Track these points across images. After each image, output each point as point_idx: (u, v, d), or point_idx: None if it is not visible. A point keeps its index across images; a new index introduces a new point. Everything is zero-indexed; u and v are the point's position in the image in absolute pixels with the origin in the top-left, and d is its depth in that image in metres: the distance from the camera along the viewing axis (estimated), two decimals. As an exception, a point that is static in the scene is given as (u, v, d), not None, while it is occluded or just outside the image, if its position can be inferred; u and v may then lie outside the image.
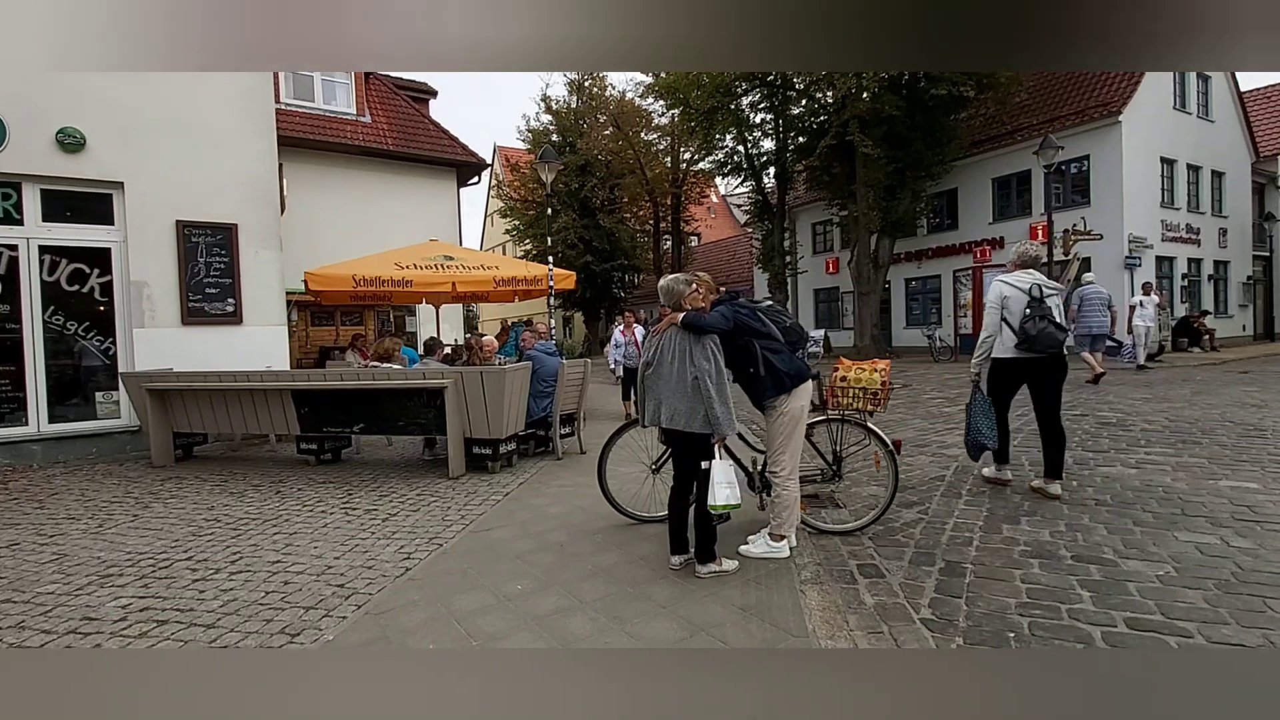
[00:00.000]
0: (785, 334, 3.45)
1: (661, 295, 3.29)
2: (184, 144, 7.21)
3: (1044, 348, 4.15)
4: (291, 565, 3.36)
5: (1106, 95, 16.67)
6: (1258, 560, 3.01)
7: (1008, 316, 4.27)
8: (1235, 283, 20.23)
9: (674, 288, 3.25)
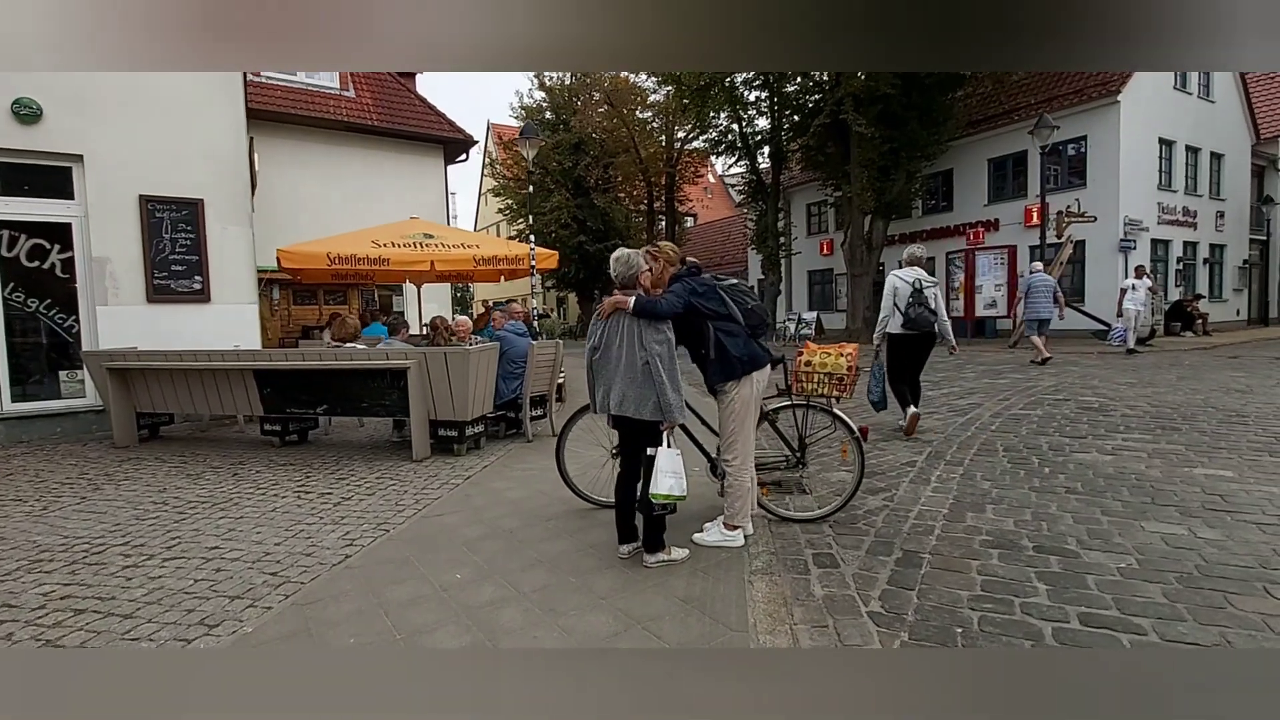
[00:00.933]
0: (746, 316, 3.29)
1: (614, 268, 3.09)
2: (147, 116, 6.97)
3: (919, 327, 5.48)
4: (229, 552, 3.25)
5: (1106, 74, 16.33)
6: (1224, 553, 2.91)
7: (897, 302, 5.52)
8: (1231, 266, 20.06)
9: (632, 261, 3.08)
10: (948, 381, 8.87)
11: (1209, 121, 18.52)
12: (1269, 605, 2.44)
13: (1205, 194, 18.72)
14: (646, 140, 28.28)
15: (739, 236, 28.85)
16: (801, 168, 22.66)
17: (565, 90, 28.35)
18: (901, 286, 5.50)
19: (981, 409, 6.61)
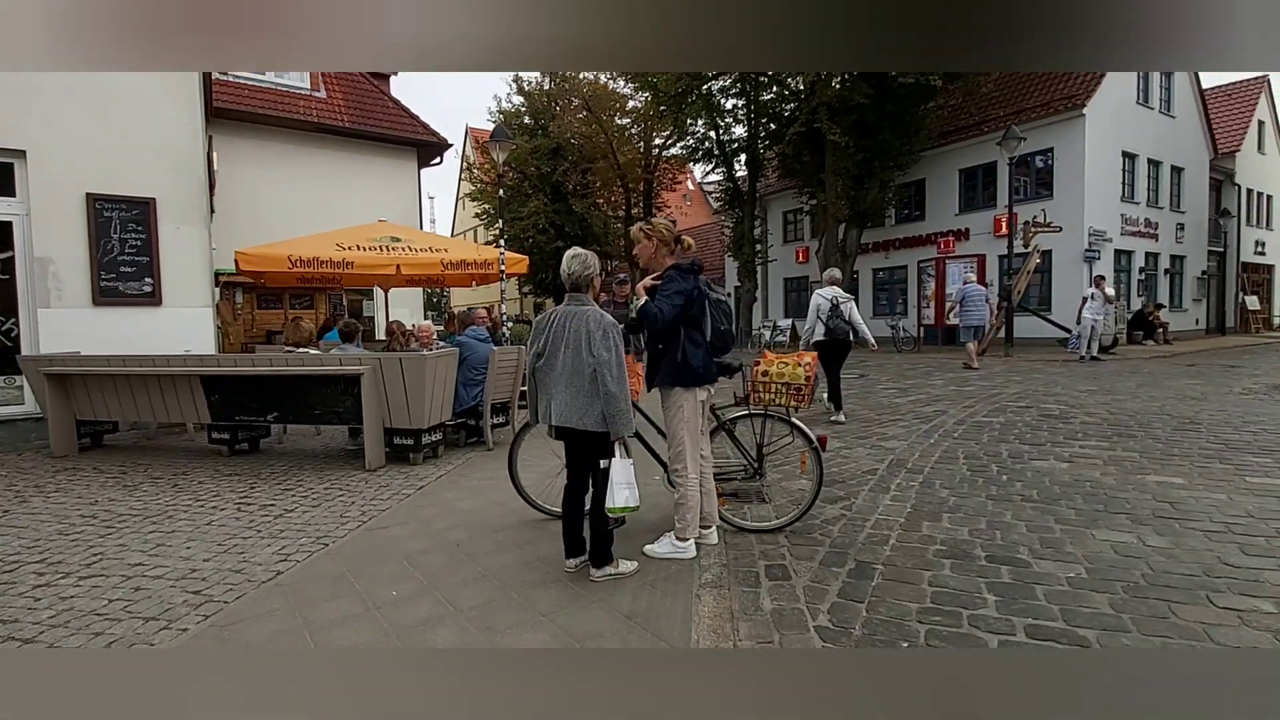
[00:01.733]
0: (714, 335, 3.24)
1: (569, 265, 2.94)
2: (96, 111, 6.72)
3: (836, 336, 6.61)
4: (152, 569, 3.07)
5: (1071, 89, 16.74)
6: (1170, 561, 2.91)
7: (820, 316, 6.64)
8: (1190, 277, 20.64)
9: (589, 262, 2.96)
10: (915, 389, 8.92)
11: (1170, 136, 19.07)
12: (1210, 614, 2.43)
13: (1166, 206, 19.26)
14: (624, 146, 28.26)
15: (717, 243, 28.95)
16: (778, 175, 22.86)
17: (544, 95, 28.27)
18: (823, 303, 6.62)
19: (946, 416, 6.64)
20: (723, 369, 3.38)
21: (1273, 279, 26.14)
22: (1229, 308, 22.90)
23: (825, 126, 15.86)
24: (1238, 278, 23.14)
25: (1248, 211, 23.81)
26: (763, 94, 19.65)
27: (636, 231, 3.29)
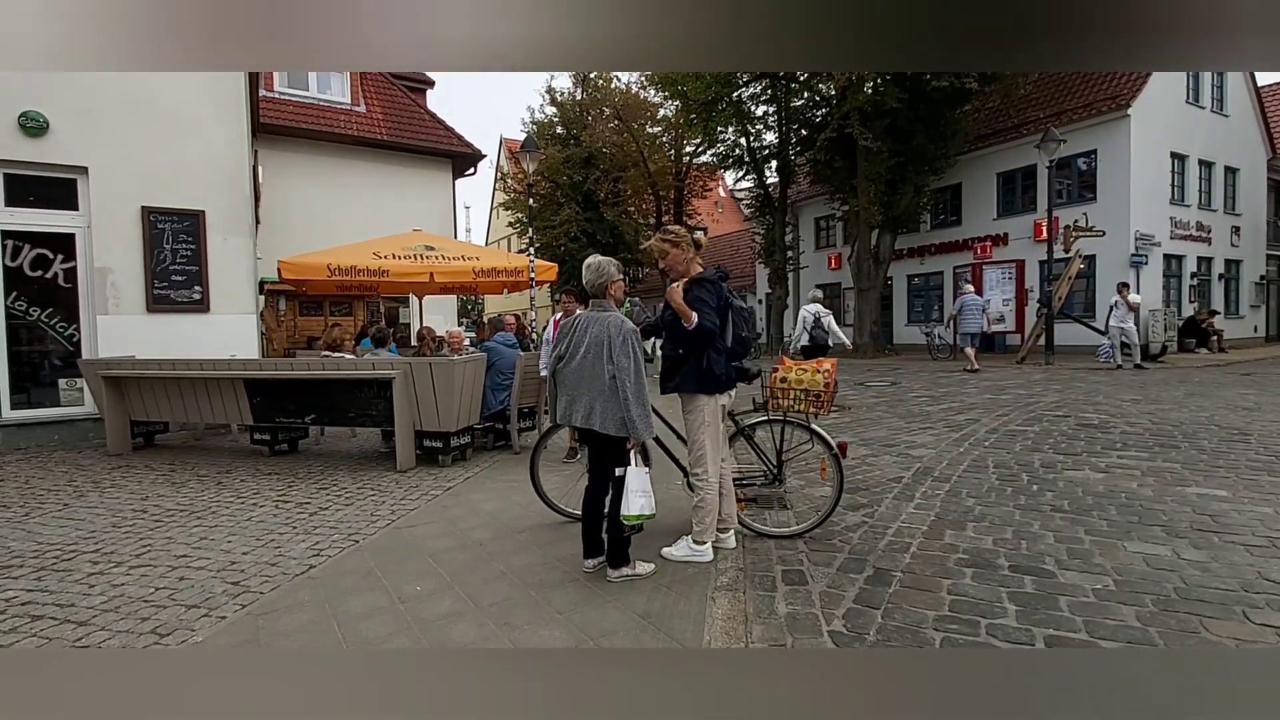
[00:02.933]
0: (735, 341, 3.28)
1: (585, 275, 3.06)
2: (150, 129, 7.12)
3: (817, 343, 8.55)
4: (196, 560, 3.24)
5: (1115, 88, 16.20)
6: (1206, 575, 2.81)
7: (806, 327, 8.62)
8: (1248, 282, 19.68)
9: (604, 270, 3.05)
10: (948, 397, 8.74)
11: (1223, 135, 18.28)
12: (1245, 630, 2.34)
13: (1220, 208, 18.43)
14: (655, 154, 28.45)
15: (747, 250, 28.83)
16: (809, 182, 22.67)
17: (576, 105, 28.66)
18: (808, 316, 8.72)
19: (978, 424, 6.49)
20: (741, 375, 3.40)
21: (1340, 284, 24.73)
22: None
23: (857, 132, 15.69)
24: (1301, 283, 21.97)
25: (1311, 213, 22.61)
26: (793, 100, 19.57)
27: (660, 244, 3.29)
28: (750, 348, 3.43)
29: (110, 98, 6.90)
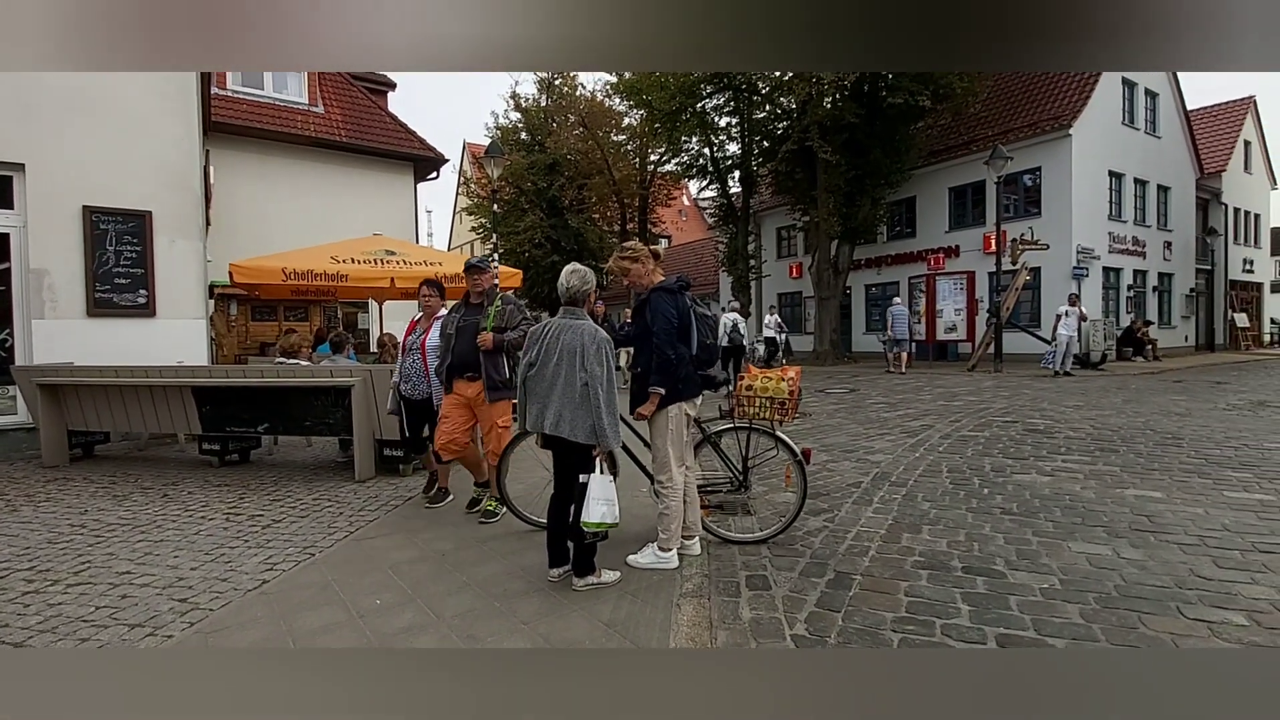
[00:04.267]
0: (699, 349, 3.31)
1: (569, 280, 3.03)
2: (94, 125, 6.80)
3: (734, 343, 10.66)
4: (139, 577, 3.10)
5: (1057, 109, 17.05)
6: (1143, 573, 2.97)
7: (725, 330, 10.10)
8: (1179, 294, 20.87)
9: (588, 278, 3.07)
10: (904, 404, 9.00)
11: (1156, 156, 19.38)
12: (1179, 625, 2.48)
13: (1154, 225, 19.52)
14: (620, 162, 28.56)
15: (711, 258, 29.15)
16: (771, 192, 23.10)
17: (540, 112, 28.58)
18: (728, 322, 10.92)
19: (933, 430, 6.71)
20: (707, 382, 3.45)
21: (1261, 297, 26.46)
22: (1218, 325, 23.15)
23: (817, 145, 16.08)
24: (1226, 295, 23.41)
25: (1235, 230, 24.15)
26: (756, 112, 19.93)
27: (619, 263, 3.33)
28: (715, 355, 3.48)
29: (51, 92, 6.57)
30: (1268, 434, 6.05)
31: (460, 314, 4.07)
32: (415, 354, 4.39)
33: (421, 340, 4.38)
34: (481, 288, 4.11)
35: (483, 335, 3.87)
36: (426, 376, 4.30)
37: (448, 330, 4.05)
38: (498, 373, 3.93)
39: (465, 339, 3.95)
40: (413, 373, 4.39)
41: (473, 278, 4.12)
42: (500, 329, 3.93)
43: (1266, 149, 26.05)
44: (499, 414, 3.98)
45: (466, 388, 3.99)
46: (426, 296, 4.50)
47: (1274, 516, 3.68)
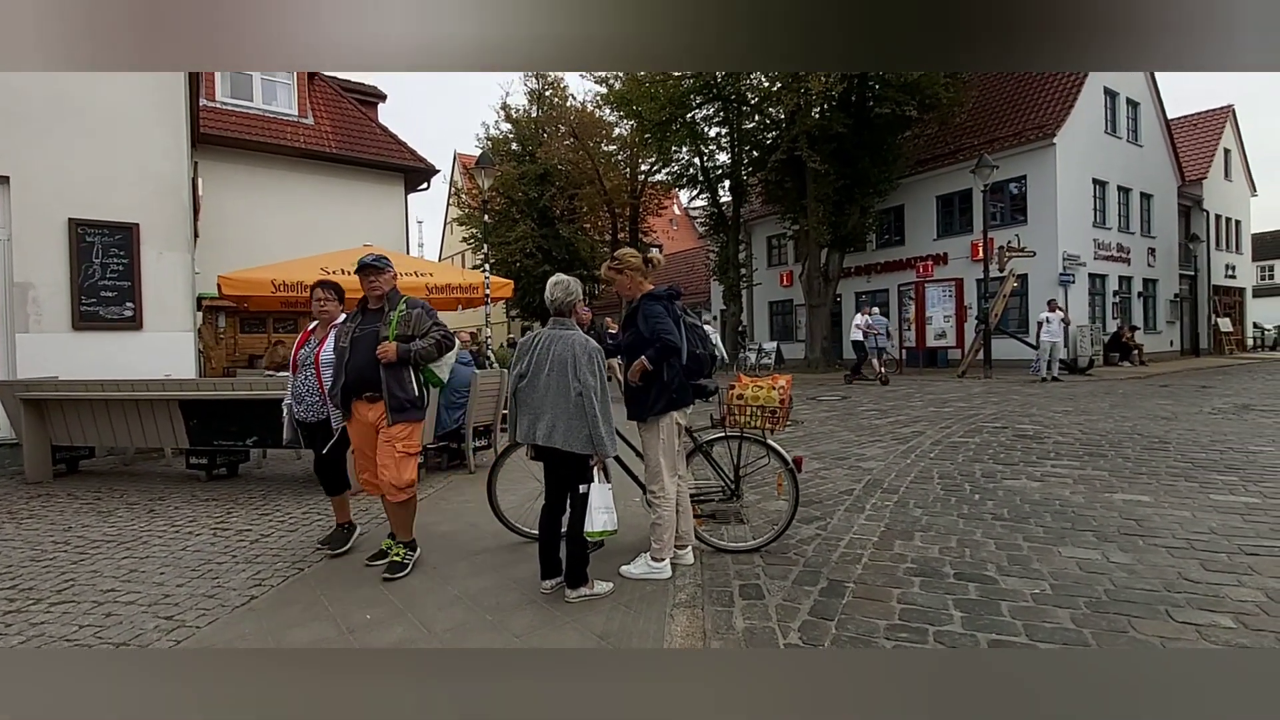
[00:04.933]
0: (690, 359, 3.31)
1: (553, 292, 3.06)
2: (80, 137, 6.77)
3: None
4: (125, 595, 3.05)
5: (1041, 118, 17.32)
6: (1132, 576, 2.99)
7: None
8: (1163, 300, 21.17)
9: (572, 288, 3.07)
10: (895, 410, 9.05)
11: (1138, 164, 19.72)
12: (1169, 628, 2.50)
13: (1137, 231, 19.82)
14: (611, 172, 28.68)
15: (702, 267, 29.27)
16: (761, 201, 23.27)
17: (531, 123, 28.69)
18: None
19: (923, 437, 6.74)
20: (699, 391, 3.45)
21: (1244, 301, 26.87)
22: (1202, 329, 23.46)
23: (806, 154, 16.24)
24: (1210, 300, 23.75)
25: (1217, 236, 24.55)
26: (745, 122, 20.11)
27: (608, 272, 3.36)
28: (707, 365, 3.48)
29: (36, 103, 6.54)
30: (1252, 437, 6.13)
31: (356, 322, 3.40)
32: (308, 370, 3.64)
33: (315, 353, 3.64)
34: (380, 290, 3.39)
35: (383, 346, 3.22)
36: (322, 394, 3.58)
37: (341, 343, 3.38)
38: (402, 390, 3.27)
39: (362, 351, 3.28)
40: (305, 392, 3.64)
41: (368, 279, 3.37)
42: (405, 337, 3.29)
43: (1246, 157, 26.55)
44: (402, 437, 3.28)
45: (367, 410, 3.33)
46: (321, 301, 3.73)
47: (1259, 519, 3.72)
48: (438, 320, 3.45)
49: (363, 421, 3.36)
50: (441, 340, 3.37)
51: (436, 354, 3.38)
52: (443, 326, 3.44)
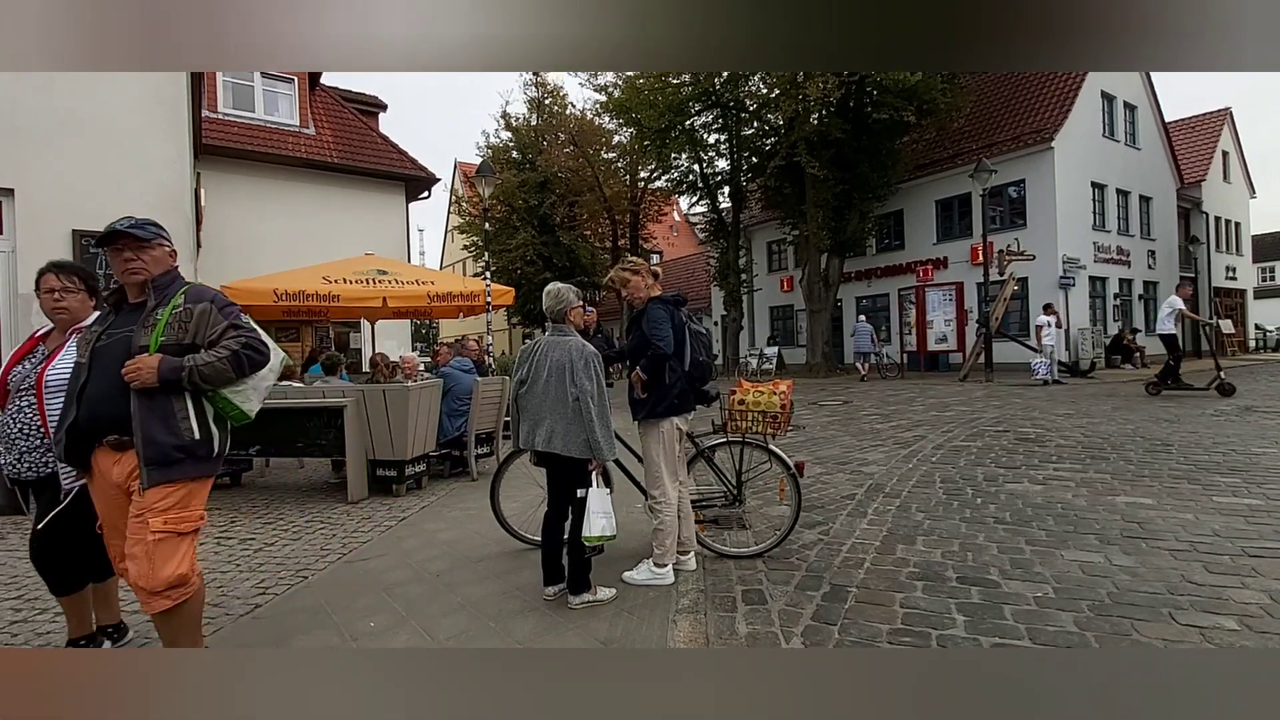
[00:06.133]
0: (693, 365, 3.34)
1: (545, 301, 3.11)
2: (83, 148, 6.81)
3: None
4: (129, 604, 3.04)
5: (1039, 122, 17.38)
6: (1135, 580, 2.99)
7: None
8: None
9: (562, 296, 3.10)
10: (897, 415, 9.05)
11: (1136, 166, 19.77)
12: (1172, 631, 2.50)
13: (1137, 234, 19.85)
14: (610, 179, 28.80)
15: (702, 273, 29.33)
16: (761, 207, 23.36)
17: (531, 131, 28.85)
18: None
19: (925, 441, 6.74)
20: (701, 397, 3.47)
21: (1245, 303, 26.85)
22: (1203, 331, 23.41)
23: (805, 160, 16.31)
24: (1211, 302, 23.74)
25: (1217, 238, 24.57)
26: (744, 129, 20.21)
27: (621, 273, 3.39)
28: (709, 372, 3.50)
29: (40, 115, 6.59)
30: (1255, 439, 6.12)
31: (105, 325, 2.24)
32: (25, 397, 2.44)
33: (40, 371, 2.42)
34: (140, 275, 2.24)
35: (134, 362, 2.05)
36: (47, 435, 2.38)
37: (80, 357, 2.19)
38: (168, 431, 2.08)
39: (104, 370, 2.10)
40: (19, 432, 2.42)
41: (123, 258, 2.24)
42: (180, 347, 2.13)
43: (1244, 159, 26.60)
44: (165, 508, 2.06)
45: (109, 462, 2.14)
46: (55, 294, 2.52)
47: (1263, 521, 3.71)
48: (240, 320, 2.25)
49: (105, 479, 2.16)
50: (243, 351, 2.17)
51: (234, 373, 2.15)
52: (249, 330, 2.24)
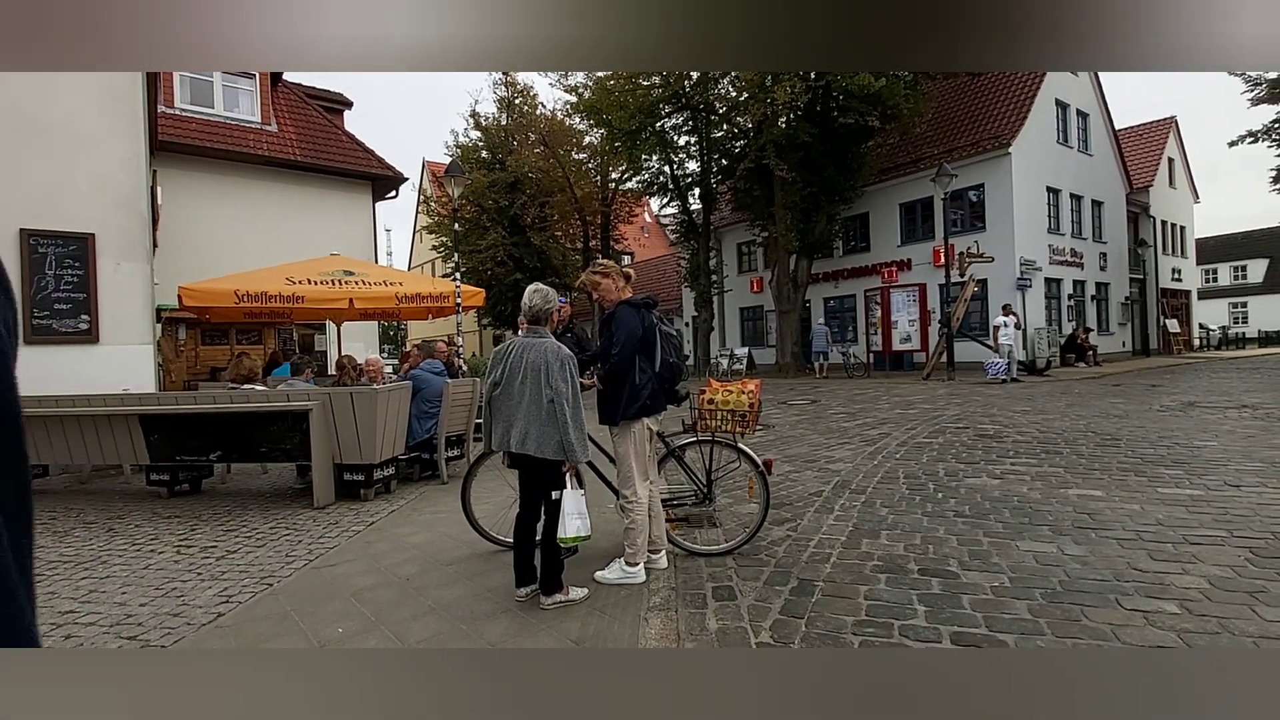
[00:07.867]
0: (662, 366, 3.38)
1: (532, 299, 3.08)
2: (32, 145, 6.56)
3: None
4: (84, 616, 2.97)
5: (997, 128, 17.94)
6: (1085, 568, 3.13)
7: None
8: (1115, 303, 22.04)
9: (550, 297, 3.11)
10: (863, 413, 9.25)
11: (1089, 172, 20.55)
12: (1118, 616, 2.63)
13: (1090, 237, 20.63)
14: (581, 180, 28.72)
15: (674, 274, 29.48)
16: (731, 209, 23.57)
17: (501, 130, 28.59)
18: None
19: (890, 438, 6.91)
20: (671, 397, 3.52)
21: (1190, 303, 28.12)
22: (1152, 330, 24.48)
23: (773, 163, 16.54)
24: (1158, 302, 24.81)
25: (1163, 241, 25.68)
26: (714, 131, 20.40)
27: (592, 277, 3.41)
28: (679, 372, 3.55)
29: (-18, 111, 6.32)
30: (1197, 433, 6.44)
31: None
32: None
33: None
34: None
35: None
36: None
37: None
38: None
39: None
40: None
41: None
42: None
43: (1189, 166, 27.85)
44: None
45: None
46: None
47: (1203, 510, 3.92)
48: None
49: None
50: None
51: None
52: None
